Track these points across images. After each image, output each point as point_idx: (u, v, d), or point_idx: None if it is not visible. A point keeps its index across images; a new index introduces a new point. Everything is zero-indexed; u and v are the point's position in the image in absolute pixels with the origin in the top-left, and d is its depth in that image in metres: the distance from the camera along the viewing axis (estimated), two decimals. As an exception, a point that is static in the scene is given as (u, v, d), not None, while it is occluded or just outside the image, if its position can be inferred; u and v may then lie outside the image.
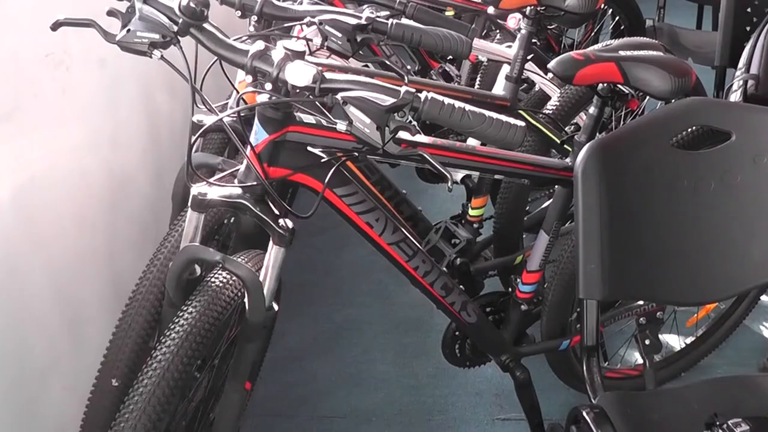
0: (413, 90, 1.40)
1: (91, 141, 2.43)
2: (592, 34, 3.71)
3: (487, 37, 3.41)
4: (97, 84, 2.40)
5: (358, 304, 3.14)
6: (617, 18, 3.59)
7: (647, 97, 2.66)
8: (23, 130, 2.06)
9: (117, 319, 1.91)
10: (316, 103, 1.52)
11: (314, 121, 1.66)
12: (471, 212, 2.47)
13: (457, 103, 1.42)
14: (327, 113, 1.65)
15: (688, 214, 1.82)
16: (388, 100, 1.39)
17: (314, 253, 3.36)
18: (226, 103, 2.03)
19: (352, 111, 1.39)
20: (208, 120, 1.76)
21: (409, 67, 3.20)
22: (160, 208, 2.75)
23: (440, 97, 1.41)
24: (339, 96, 1.40)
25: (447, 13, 3.47)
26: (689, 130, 2.10)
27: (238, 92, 1.77)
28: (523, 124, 1.43)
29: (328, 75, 1.43)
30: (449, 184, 1.41)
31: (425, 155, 1.47)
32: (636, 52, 1.97)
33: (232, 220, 2.17)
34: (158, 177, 2.89)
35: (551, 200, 2.21)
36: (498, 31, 3.17)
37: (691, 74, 1.96)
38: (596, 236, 1.71)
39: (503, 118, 1.43)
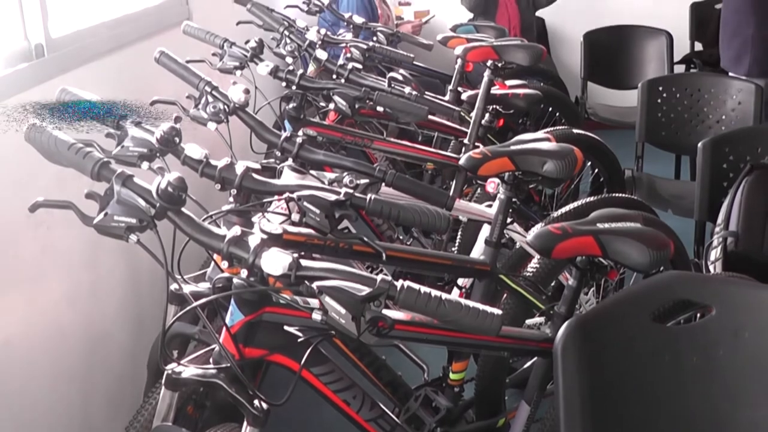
0: (389, 278, 1.40)
1: (69, 296, 2.42)
2: (572, 186, 3.75)
3: (470, 186, 3.44)
4: (77, 240, 2.40)
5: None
6: (596, 170, 3.64)
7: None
8: (1, 292, 2.05)
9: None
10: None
11: (290, 301, 1.65)
12: (452, 376, 2.43)
13: (434, 292, 1.41)
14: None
15: (671, 388, 1.81)
16: (364, 290, 1.38)
17: (289, 409, 3.27)
18: (205, 272, 2.03)
19: (328, 301, 1.39)
20: (186, 288, 1.75)
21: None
22: (139, 359, 2.71)
23: (416, 286, 1.41)
24: (314, 285, 1.40)
25: (427, 167, 3.53)
26: (668, 302, 2.10)
27: (219, 267, 1.75)
28: (499, 312, 1.42)
29: (304, 263, 1.43)
30: (425, 375, 1.40)
31: (402, 347, 1.46)
32: (614, 225, 1.98)
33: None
34: (138, 328, 2.86)
35: (532, 366, 2.20)
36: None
37: (669, 246, 1.97)
38: (578, 415, 1.69)
39: (479, 306, 1.42)
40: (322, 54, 3.15)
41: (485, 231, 2.50)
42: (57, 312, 2.35)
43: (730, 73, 4.05)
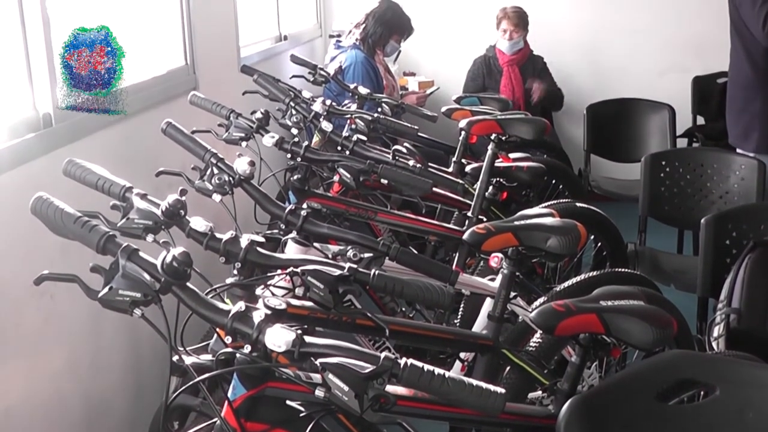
0: (392, 356, 1.40)
1: (70, 367, 2.41)
2: (575, 259, 3.75)
3: (473, 257, 3.44)
4: (80, 310, 2.39)
5: None
6: (599, 243, 3.64)
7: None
8: (2, 362, 2.04)
9: None
10: None
11: (293, 376, 1.64)
12: (454, 450, 2.42)
13: (437, 370, 1.41)
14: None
15: (675, 469, 1.79)
16: (367, 368, 1.38)
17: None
18: (208, 344, 2.02)
19: (331, 377, 1.39)
20: (189, 361, 1.74)
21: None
22: (139, 431, 2.69)
23: (419, 364, 1.41)
24: (318, 362, 1.40)
25: (430, 238, 3.53)
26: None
27: (223, 341, 1.75)
28: (502, 391, 1.42)
29: (308, 339, 1.43)
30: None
31: (405, 425, 1.45)
32: (617, 303, 1.98)
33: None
34: (138, 398, 2.84)
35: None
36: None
37: (672, 324, 1.97)
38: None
39: (483, 385, 1.42)
40: (327, 126, 3.18)
41: (488, 305, 2.50)
42: (58, 382, 2.34)
43: (738, 150, 4.06)
